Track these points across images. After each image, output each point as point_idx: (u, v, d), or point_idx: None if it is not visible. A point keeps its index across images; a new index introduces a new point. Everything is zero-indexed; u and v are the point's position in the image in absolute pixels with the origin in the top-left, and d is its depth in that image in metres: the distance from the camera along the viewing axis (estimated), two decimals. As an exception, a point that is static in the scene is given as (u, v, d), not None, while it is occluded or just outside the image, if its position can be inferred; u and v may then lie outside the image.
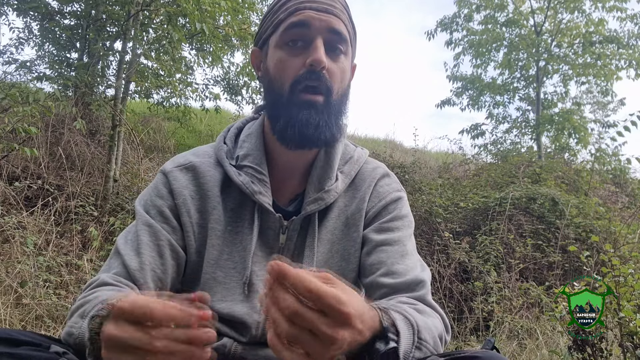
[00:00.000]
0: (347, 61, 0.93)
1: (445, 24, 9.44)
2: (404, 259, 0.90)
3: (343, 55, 0.92)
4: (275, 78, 0.91)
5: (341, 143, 1.01)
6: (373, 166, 1.03)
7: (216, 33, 4.97)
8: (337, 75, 0.90)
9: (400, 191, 1.01)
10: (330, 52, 0.89)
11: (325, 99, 0.88)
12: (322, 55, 0.86)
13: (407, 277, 0.87)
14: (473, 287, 3.77)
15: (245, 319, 0.90)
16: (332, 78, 0.89)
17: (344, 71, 0.92)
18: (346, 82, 0.94)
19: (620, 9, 8.44)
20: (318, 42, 0.87)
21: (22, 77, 5.51)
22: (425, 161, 8.02)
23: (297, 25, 0.88)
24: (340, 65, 0.91)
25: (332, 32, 0.89)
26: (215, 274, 0.93)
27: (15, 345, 0.68)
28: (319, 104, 0.88)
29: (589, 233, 4.30)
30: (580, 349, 2.14)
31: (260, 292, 0.91)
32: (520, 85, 9.37)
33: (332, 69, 0.89)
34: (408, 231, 0.97)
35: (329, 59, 0.88)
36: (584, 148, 8.55)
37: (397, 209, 0.97)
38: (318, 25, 0.88)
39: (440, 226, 4.46)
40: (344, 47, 0.91)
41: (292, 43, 0.89)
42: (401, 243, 0.93)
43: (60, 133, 4.83)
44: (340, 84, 0.91)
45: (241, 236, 0.94)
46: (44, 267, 3.10)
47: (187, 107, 6.56)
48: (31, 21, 5.70)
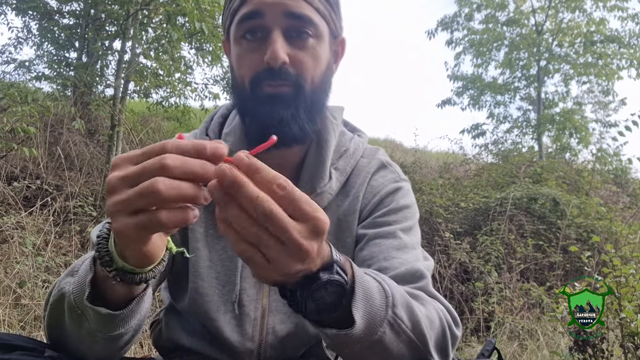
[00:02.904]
0: (321, 43, 0.83)
1: (446, 23, 9.43)
2: (399, 252, 0.81)
3: (313, 39, 0.81)
4: (237, 75, 0.83)
5: (335, 133, 0.91)
6: (369, 159, 0.93)
7: (215, 32, 4.95)
8: (306, 63, 0.80)
9: (398, 181, 0.91)
10: (295, 39, 0.80)
11: (295, 90, 0.79)
12: (279, 50, 0.77)
13: (400, 269, 0.77)
14: (474, 288, 3.76)
15: (236, 346, 0.84)
16: (300, 67, 0.80)
17: (317, 56, 0.82)
18: (322, 67, 0.83)
19: (621, 9, 8.43)
20: (274, 34, 0.78)
21: (21, 76, 5.52)
22: (426, 161, 8.01)
23: (250, 16, 0.79)
24: (310, 51, 0.81)
25: (292, 17, 0.78)
26: (197, 285, 0.85)
27: (9, 350, 0.67)
28: (285, 95, 0.79)
29: (590, 233, 4.29)
30: (581, 350, 2.12)
31: (250, 315, 0.84)
32: (521, 84, 9.37)
33: (298, 57, 0.79)
34: (406, 223, 0.87)
35: (293, 48, 0.79)
36: (585, 148, 8.55)
37: (394, 201, 0.88)
38: (273, 11, 0.78)
39: (440, 226, 4.44)
40: (313, 29, 0.81)
41: (249, 35, 0.80)
42: (396, 236, 0.83)
43: (59, 133, 4.82)
44: (315, 71, 0.81)
45: (224, 242, 0.86)
46: (43, 268, 3.09)
47: (186, 106, 6.54)
48: (30, 20, 5.70)
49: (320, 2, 0.82)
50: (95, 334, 0.65)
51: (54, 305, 0.70)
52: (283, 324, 0.85)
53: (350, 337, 0.59)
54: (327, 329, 0.59)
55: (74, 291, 0.64)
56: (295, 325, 0.85)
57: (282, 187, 0.46)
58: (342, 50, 0.92)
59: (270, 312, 0.85)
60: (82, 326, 0.65)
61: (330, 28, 0.85)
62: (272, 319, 0.85)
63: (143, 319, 0.71)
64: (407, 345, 0.65)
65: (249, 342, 0.84)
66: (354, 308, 0.58)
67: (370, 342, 0.61)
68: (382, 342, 0.62)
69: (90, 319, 0.64)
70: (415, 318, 0.65)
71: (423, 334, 0.66)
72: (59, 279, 0.71)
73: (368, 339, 0.60)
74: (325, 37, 0.84)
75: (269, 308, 0.85)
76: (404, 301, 0.65)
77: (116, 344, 0.69)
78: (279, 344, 0.85)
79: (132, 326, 0.68)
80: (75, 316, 0.65)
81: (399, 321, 0.63)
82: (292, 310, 0.56)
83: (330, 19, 0.85)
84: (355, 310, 0.58)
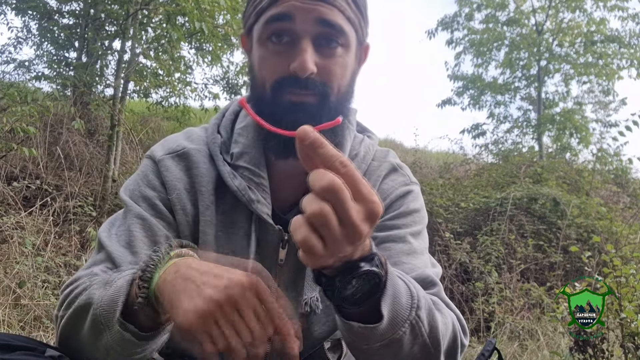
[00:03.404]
0: (349, 53, 0.80)
1: (446, 23, 9.43)
2: (409, 257, 0.80)
3: (341, 48, 0.78)
4: (258, 76, 0.80)
5: (350, 137, 0.89)
6: (379, 162, 0.92)
7: (215, 32, 4.95)
8: (334, 73, 0.77)
9: (408, 185, 0.90)
10: (324, 48, 0.76)
11: (321, 100, 0.77)
12: (308, 61, 0.73)
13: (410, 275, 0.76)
14: (474, 288, 3.76)
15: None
16: (327, 77, 0.77)
17: (344, 66, 0.79)
18: (348, 76, 0.81)
19: (621, 8, 8.43)
20: (304, 42, 0.74)
21: (21, 76, 5.52)
22: (426, 161, 8.01)
23: (278, 18, 0.75)
24: (339, 60, 0.78)
25: (323, 25, 0.74)
26: None
27: (9, 350, 0.68)
28: (310, 105, 0.76)
29: (590, 233, 4.29)
30: (581, 350, 2.12)
31: None
32: (521, 84, 9.36)
33: (326, 66, 0.76)
34: (416, 227, 0.86)
35: (321, 57, 0.76)
36: (586, 148, 8.54)
37: (404, 205, 0.87)
38: (304, 17, 0.74)
39: (441, 226, 4.44)
40: (343, 39, 0.77)
41: (275, 38, 0.76)
42: (406, 240, 0.82)
43: (58, 133, 4.82)
44: (342, 80, 0.79)
45: (233, 246, 0.83)
46: (43, 268, 3.09)
47: (186, 106, 6.53)
48: (30, 20, 5.70)
49: (352, 10, 0.78)
50: (113, 347, 0.66)
51: (77, 310, 0.70)
52: None
53: (373, 332, 0.60)
54: (352, 322, 0.60)
55: (103, 305, 0.64)
56: (301, 330, 0.84)
57: (344, 164, 0.48)
58: (365, 55, 0.89)
59: None
60: (100, 339, 0.66)
61: (357, 35, 0.82)
62: None
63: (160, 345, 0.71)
64: (421, 349, 0.66)
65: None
66: (382, 303, 0.59)
67: (390, 340, 0.61)
68: (400, 342, 0.63)
69: (112, 335, 0.64)
70: (434, 323, 0.66)
71: (438, 340, 0.67)
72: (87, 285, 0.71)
73: (389, 336, 0.61)
74: (353, 45, 0.81)
75: None
76: (427, 305, 0.66)
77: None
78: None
79: (150, 350, 0.69)
80: (98, 329, 0.66)
81: (420, 324, 0.63)
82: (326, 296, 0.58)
83: (358, 27, 0.81)
84: (384, 306, 0.59)
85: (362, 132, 0.97)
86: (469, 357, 2.75)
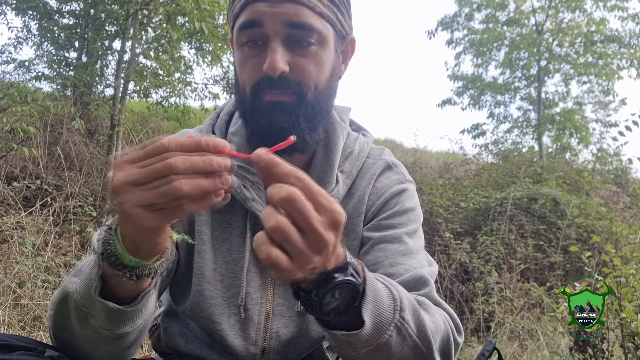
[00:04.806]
0: (325, 48, 0.80)
1: (446, 23, 9.44)
2: (404, 257, 0.80)
3: (315, 46, 0.78)
4: (239, 79, 0.82)
5: (343, 135, 0.90)
6: (374, 159, 0.92)
7: (215, 32, 4.95)
8: (308, 71, 0.78)
9: (403, 183, 0.90)
10: (296, 47, 0.77)
11: (296, 98, 0.78)
12: (277, 61, 0.75)
13: (404, 276, 0.77)
14: (474, 288, 3.76)
15: (239, 350, 0.83)
16: (302, 75, 0.78)
17: (320, 63, 0.79)
18: (327, 73, 0.81)
19: (621, 8, 8.44)
20: (274, 43, 0.76)
21: (21, 76, 5.52)
22: (426, 161, 8.01)
23: (248, 25, 0.77)
24: (313, 58, 0.78)
25: (292, 27, 0.76)
26: (202, 287, 0.84)
27: (9, 350, 0.68)
28: (286, 104, 0.77)
29: (590, 233, 4.30)
30: (581, 350, 2.12)
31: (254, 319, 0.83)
32: (521, 84, 9.38)
33: (300, 65, 0.77)
34: (411, 226, 0.86)
35: (294, 55, 0.77)
36: (586, 148, 8.56)
37: (399, 204, 0.87)
38: (272, 20, 0.75)
39: (441, 226, 4.44)
40: (315, 36, 0.78)
41: (251, 43, 0.79)
42: (402, 240, 0.82)
43: (58, 133, 4.82)
44: (318, 78, 0.80)
45: (229, 245, 0.85)
46: (43, 268, 3.09)
47: (186, 106, 6.54)
48: (30, 20, 5.71)
49: (324, 5, 0.79)
50: (101, 331, 0.66)
51: (58, 306, 0.70)
52: (286, 327, 0.84)
53: (358, 339, 0.59)
54: (335, 330, 0.60)
55: (80, 289, 0.65)
56: (299, 329, 0.84)
57: (299, 179, 0.49)
58: (352, 49, 0.89)
59: (274, 316, 0.84)
60: (87, 324, 0.66)
61: (336, 30, 0.82)
62: (276, 323, 0.84)
63: (147, 320, 0.71)
64: (412, 350, 0.65)
65: (253, 347, 0.83)
66: (363, 309, 0.58)
67: (377, 344, 0.61)
68: (387, 346, 0.62)
69: (96, 315, 0.64)
70: (421, 323, 0.66)
71: (428, 340, 0.66)
72: (63, 281, 0.72)
73: (374, 341, 0.60)
74: (330, 41, 0.81)
75: (273, 312, 0.84)
76: (411, 306, 0.65)
77: (121, 344, 0.70)
78: (282, 348, 0.84)
79: (138, 326, 0.68)
80: (81, 315, 0.66)
81: (406, 325, 0.63)
82: (306, 310, 0.57)
83: (335, 21, 0.81)
84: (365, 312, 0.58)
85: (357, 131, 0.97)
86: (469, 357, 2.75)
